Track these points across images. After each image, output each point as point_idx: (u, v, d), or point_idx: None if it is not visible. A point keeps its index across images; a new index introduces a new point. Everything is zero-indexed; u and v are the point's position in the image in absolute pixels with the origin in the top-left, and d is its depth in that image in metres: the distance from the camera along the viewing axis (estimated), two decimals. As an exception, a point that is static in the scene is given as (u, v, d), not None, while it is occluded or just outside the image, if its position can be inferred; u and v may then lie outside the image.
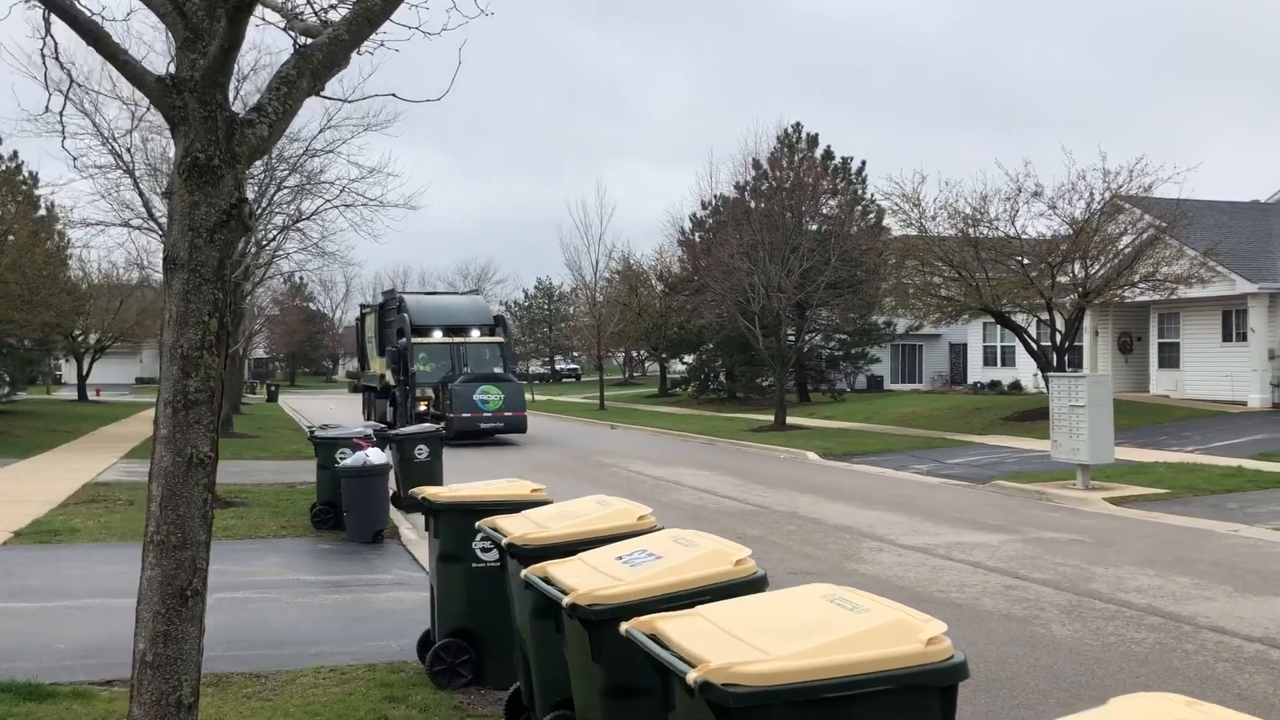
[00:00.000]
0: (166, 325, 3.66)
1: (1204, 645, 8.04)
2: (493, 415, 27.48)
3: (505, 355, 30.64)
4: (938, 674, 3.13)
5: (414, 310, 30.57)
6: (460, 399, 27.21)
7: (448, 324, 30.49)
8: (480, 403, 27.30)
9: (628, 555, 4.65)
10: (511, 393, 28.05)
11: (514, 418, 27.83)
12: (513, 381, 28.88)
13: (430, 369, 29.24)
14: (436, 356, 29.63)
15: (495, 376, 28.53)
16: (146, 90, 3.68)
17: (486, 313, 32.70)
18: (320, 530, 13.16)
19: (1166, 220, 26.53)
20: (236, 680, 6.98)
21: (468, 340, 30.28)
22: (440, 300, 33.99)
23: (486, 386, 27.65)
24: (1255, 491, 16.08)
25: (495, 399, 27.46)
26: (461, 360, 29.62)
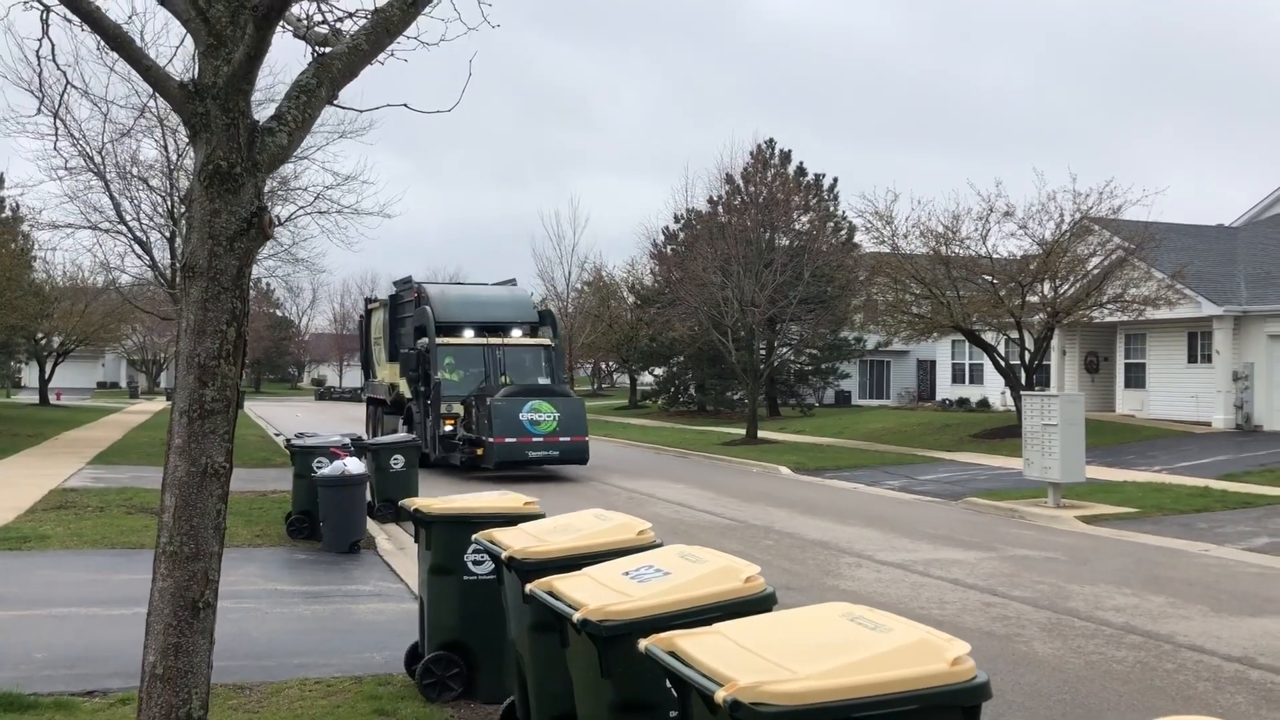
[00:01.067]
0: (183, 334, 3.62)
1: (1184, 664, 8.13)
2: (545, 440, 21.15)
3: (554, 361, 24.11)
4: (963, 694, 3.15)
5: (438, 303, 23.89)
6: (503, 419, 20.81)
7: (481, 321, 24.01)
8: (529, 424, 21.00)
9: (635, 571, 4.65)
10: (569, 412, 21.67)
11: (572, 445, 21.46)
12: (570, 397, 22.59)
13: (459, 378, 23.00)
14: (467, 362, 23.32)
15: (547, 390, 22.31)
16: (169, 96, 3.64)
17: (529, 307, 25.63)
18: (296, 540, 13.03)
19: (1135, 242, 26.90)
20: (220, 692, 6.88)
21: (506, 342, 23.87)
22: (470, 291, 27.10)
23: (537, 403, 21.26)
24: (1223, 511, 16.30)
25: (548, 419, 21.19)
26: (498, 367, 23.28)
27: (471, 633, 6.84)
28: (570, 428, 21.39)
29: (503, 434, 20.68)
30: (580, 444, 21.53)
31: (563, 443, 21.29)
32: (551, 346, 24.22)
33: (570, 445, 21.41)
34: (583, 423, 21.77)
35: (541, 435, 21.05)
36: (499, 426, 20.69)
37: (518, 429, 20.83)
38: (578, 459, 21.63)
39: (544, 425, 21.06)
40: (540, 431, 21.03)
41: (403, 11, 4.12)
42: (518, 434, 20.81)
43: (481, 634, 6.78)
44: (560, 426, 21.21)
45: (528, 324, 24.78)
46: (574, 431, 21.45)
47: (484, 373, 23.07)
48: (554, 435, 21.16)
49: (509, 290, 27.09)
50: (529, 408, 21.10)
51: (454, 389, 22.69)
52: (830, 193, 43.14)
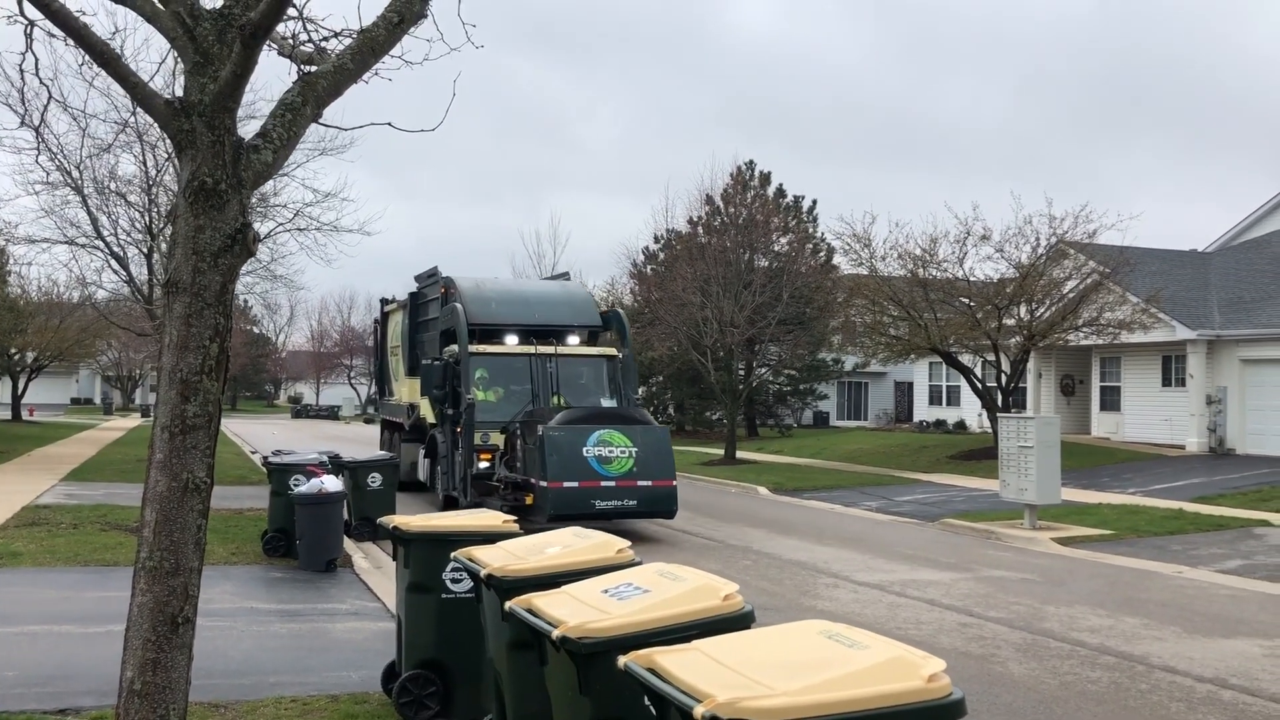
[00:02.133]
0: (166, 349, 3.63)
1: (1157, 685, 8.19)
2: (618, 485, 15.30)
3: (623, 378, 18.43)
4: (938, 711, 3.19)
5: (472, 300, 18.59)
6: (561, 455, 15.24)
7: (528, 324, 18.61)
8: (597, 462, 15.33)
9: (614, 588, 4.66)
10: (650, 446, 15.78)
11: (655, 491, 15.56)
12: (650, 425, 16.57)
13: (498, 397, 17.79)
14: (508, 377, 18.09)
15: (619, 415, 16.51)
16: (154, 113, 3.66)
17: (590, 306, 20.06)
18: (272, 558, 12.96)
19: (1110, 266, 27.18)
20: (196, 710, 6.83)
21: (561, 351, 18.33)
22: (514, 286, 21.49)
23: (607, 433, 15.60)
24: (1196, 534, 16.44)
25: (622, 456, 15.47)
26: (550, 384, 17.86)
27: (449, 651, 6.83)
28: (652, 468, 15.48)
29: (560, 475, 14.96)
30: (666, 491, 15.51)
31: (642, 489, 15.33)
32: (619, 358, 18.51)
33: (652, 492, 15.40)
34: (669, 461, 15.76)
35: (614, 478, 15.19)
36: (555, 465, 14.97)
37: (581, 469, 15.06)
38: (662, 511, 15.73)
39: (617, 464, 15.25)
40: (612, 473, 15.19)
41: (388, 32, 4.16)
42: (581, 475, 15.03)
43: (459, 653, 6.77)
44: (639, 466, 15.36)
45: (588, 328, 19.31)
46: (657, 473, 15.49)
47: (531, 391, 17.65)
48: (630, 478, 15.26)
49: (563, 285, 21.44)
50: (596, 439, 15.33)
51: (492, 412, 17.26)
52: (809, 215, 43.39)
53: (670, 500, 15.68)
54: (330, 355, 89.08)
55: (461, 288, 19.02)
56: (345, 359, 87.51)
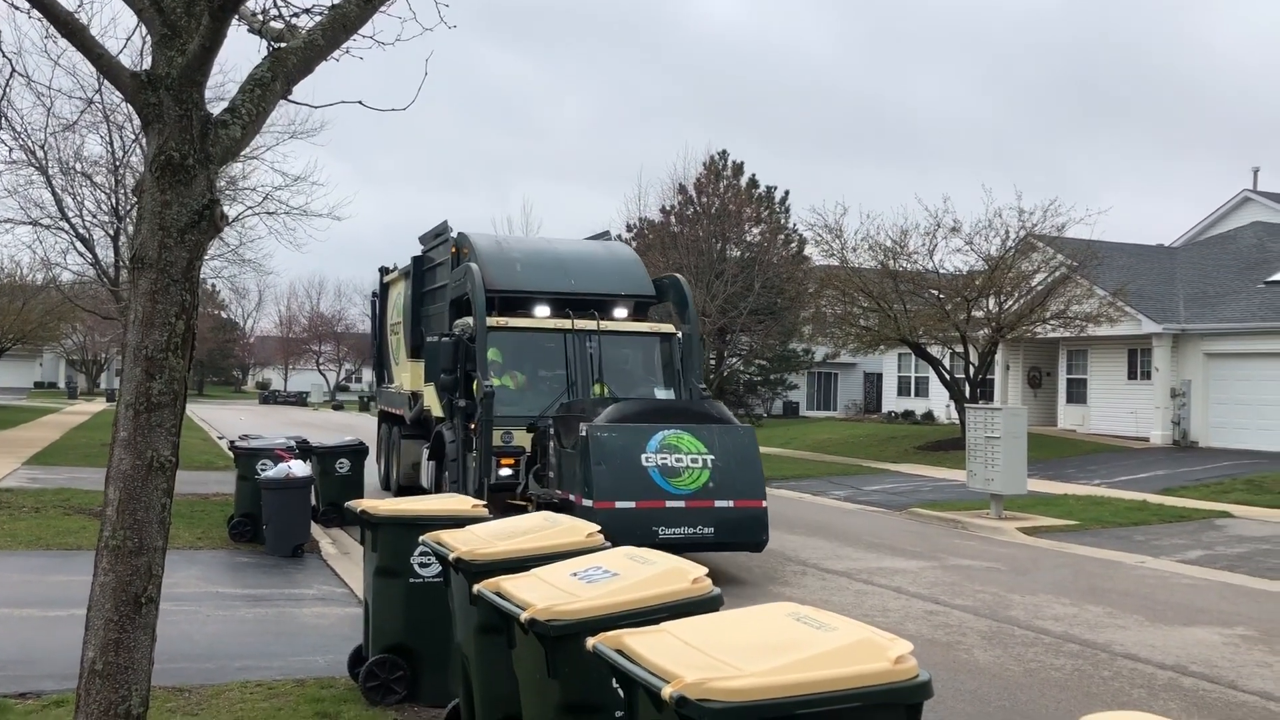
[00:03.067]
0: (131, 325, 3.58)
1: (1119, 672, 8.29)
2: (689, 506, 11.21)
3: (684, 362, 14.46)
4: (905, 692, 3.20)
5: (492, 261, 14.56)
6: (612, 463, 11.21)
7: (562, 292, 14.50)
8: (660, 474, 11.24)
9: (583, 571, 4.66)
10: (731, 451, 11.67)
11: (738, 514, 11.42)
12: (731, 424, 12.19)
13: (523, 386, 13.92)
14: (538, 359, 14.19)
15: (689, 410, 12.44)
16: (121, 86, 3.61)
17: (639, 271, 15.68)
18: (238, 542, 12.87)
19: (1078, 260, 27.41)
20: (160, 694, 6.76)
21: (606, 326, 14.26)
22: (544, 246, 16.36)
23: (673, 434, 11.51)
24: (1159, 525, 16.64)
25: (694, 466, 11.38)
26: (590, 369, 13.87)
27: (417, 636, 6.81)
28: (734, 482, 11.35)
29: (611, 493, 10.89)
30: (752, 515, 11.35)
31: (720, 511, 11.19)
32: (677, 337, 14.55)
33: (734, 516, 11.26)
34: (756, 473, 11.59)
35: (683, 496, 11.08)
36: (605, 479, 10.97)
37: (639, 484, 11.04)
38: (748, 541, 11.51)
39: (687, 478, 11.15)
40: (681, 489, 11.10)
41: (360, 8, 4.11)
42: (639, 493, 10.99)
43: (427, 637, 6.75)
44: (716, 480, 11.24)
45: (639, 299, 15.03)
46: (741, 490, 11.36)
47: (566, 377, 13.69)
48: (704, 496, 11.15)
49: (605, 245, 17.07)
50: (659, 443, 11.26)
51: (516, 404, 13.29)
52: (782, 205, 43.45)
53: (758, 527, 11.27)
54: (299, 341, 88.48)
55: (478, 246, 14.77)
56: (314, 345, 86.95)
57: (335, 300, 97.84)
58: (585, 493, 11.00)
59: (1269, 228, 33.93)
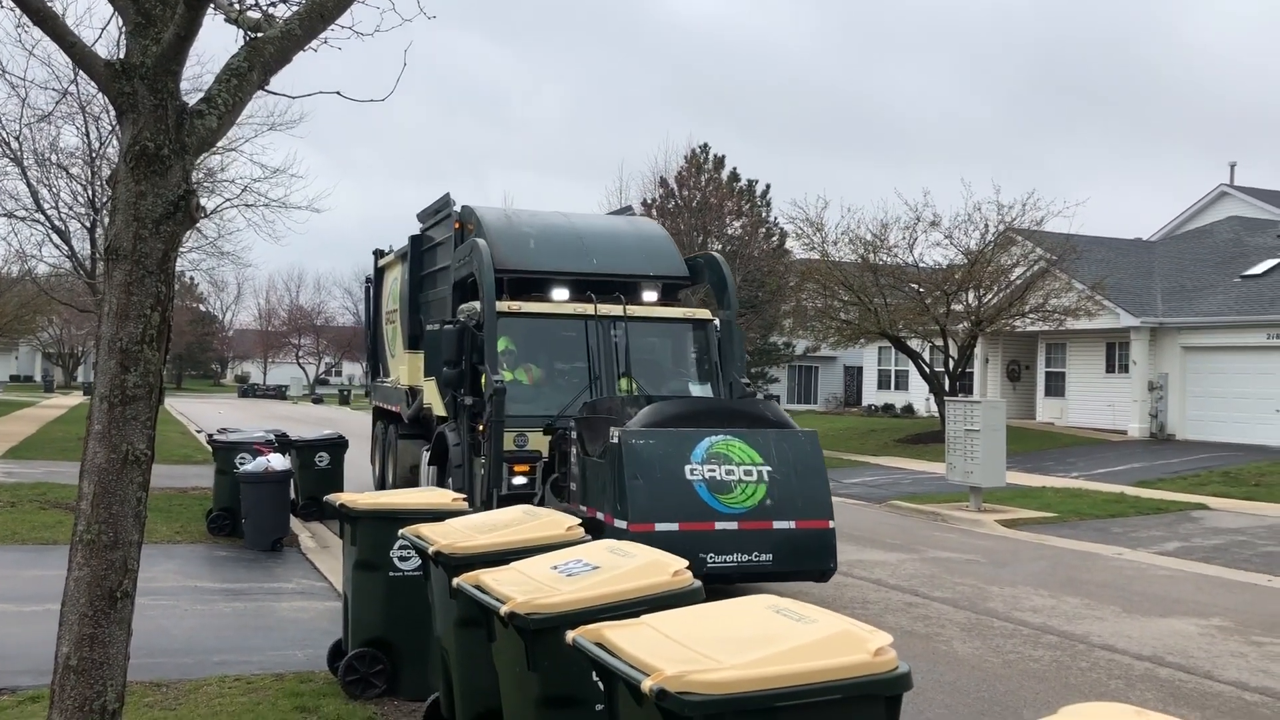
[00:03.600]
0: (106, 318, 3.54)
1: (1097, 663, 8.34)
2: (743, 526, 9.18)
3: (723, 354, 12.62)
4: (885, 684, 3.21)
5: (501, 238, 12.60)
6: (650, 475, 9.19)
7: (583, 273, 12.64)
8: (707, 488, 9.24)
9: (563, 565, 4.65)
10: (791, 460, 9.63)
11: (801, 536, 9.42)
12: (790, 428, 10.15)
13: (538, 380, 12.16)
14: (555, 350, 12.36)
15: (740, 410, 10.50)
16: (95, 75, 3.57)
17: (670, 249, 13.71)
18: (217, 536, 12.80)
19: (1056, 254, 27.54)
20: (136, 689, 6.72)
21: (634, 312, 12.38)
22: (560, 222, 13.94)
23: (722, 440, 9.51)
24: (1136, 517, 16.76)
25: (748, 479, 9.38)
26: (615, 361, 12.07)
27: (396, 629, 6.78)
28: (795, 498, 9.47)
29: (650, 512, 9.01)
30: (818, 537, 9.50)
31: (780, 534, 9.32)
32: (714, 323, 12.65)
33: (797, 540, 9.39)
34: (821, 486, 9.70)
35: (735, 515, 9.22)
36: (642, 495, 9.09)
37: (683, 501, 9.14)
38: (812, 569, 9.67)
39: (740, 493, 9.30)
40: (733, 507, 9.24)
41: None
42: (684, 512, 9.10)
43: (406, 631, 6.73)
44: (775, 496, 9.37)
45: (670, 280, 13.08)
46: (804, 508, 9.48)
47: (587, 371, 11.94)
48: (761, 516, 9.28)
49: (630, 221, 15.48)
50: (706, 452, 9.39)
51: (531, 402, 11.59)
52: (763, 199, 43.47)
53: (825, 552, 9.46)
54: (278, 334, 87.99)
55: (485, 220, 12.86)
56: (293, 338, 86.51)
57: (315, 293, 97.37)
58: (618, 512, 9.00)
59: (1246, 222, 34.19)
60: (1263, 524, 16.20)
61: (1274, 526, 15.94)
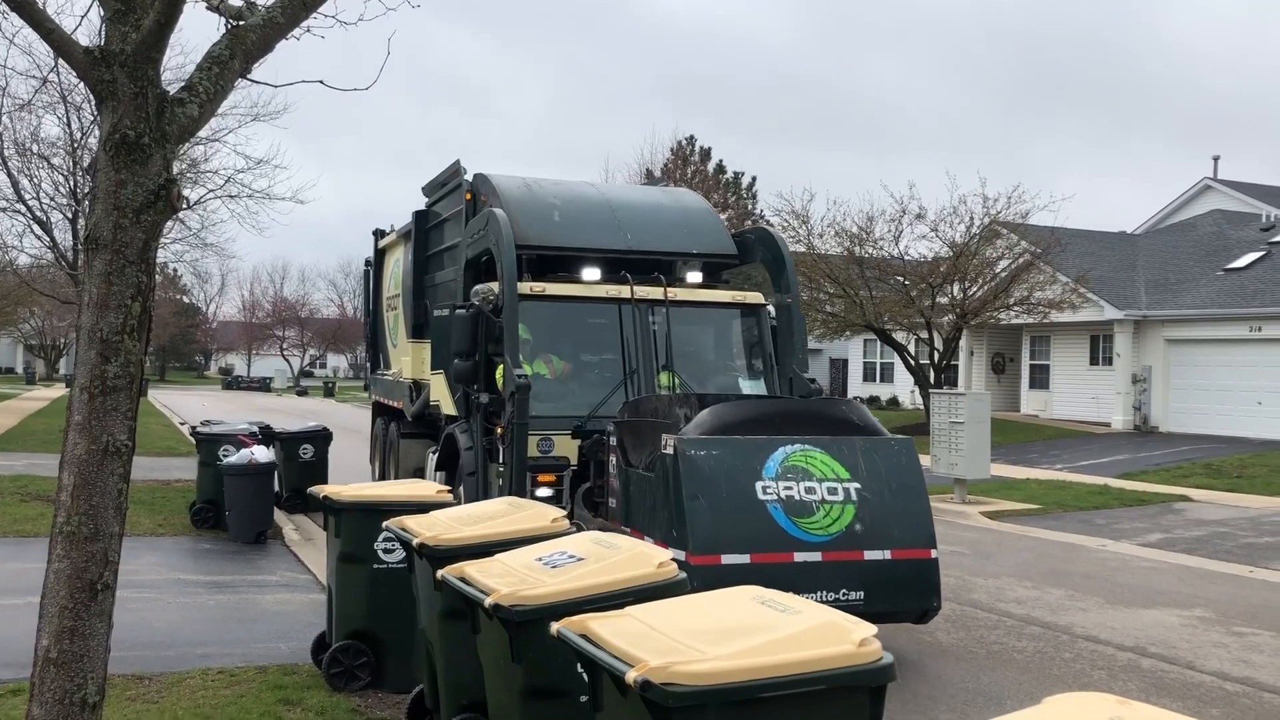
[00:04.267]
0: (85, 308, 3.51)
1: (1080, 654, 8.38)
2: (827, 557, 7.34)
3: (782, 343, 10.86)
4: (869, 674, 3.21)
5: (521, 208, 10.94)
6: (714, 494, 7.31)
7: (616, 250, 10.99)
8: (782, 510, 7.34)
9: (548, 557, 4.64)
10: (882, 474, 7.73)
11: (898, 569, 7.55)
12: (880, 434, 8.18)
13: (560, 374, 10.52)
14: (584, 339, 10.83)
15: (817, 413, 8.52)
16: (73, 62, 3.53)
17: (714, 224, 12.10)
18: (200, 529, 12.75)
19: (1041, 247, 27.65)
20: (119, 682, 6.69)
21: (676, 296, 10.67)
22: (588, 192, 12.26)
23: (799, 451, 7.59)
24: (1120, 509, 16.85)
25: (833, 499, 7.50)
26: (652, 352, 10.32)
27: (380, 622, 6.76)
28: (890, 523, 7.68)
29: (715, 541, 7.24)
30: (919, 568, 7.74)
31: (873, 565, 7.55)
32: (766, 308, 11.04)
33: (895, 572, 7.64)
34: (921, 508, 7.85)
35: (817, 544, 7.44)
36: (704, 518, 7.31)
37: (755, 526, 7.37)
38: (909, 609, 7.83)
39: (824, 517, 7.52)
40: (815, 534, 7.46)
41: (320, -15, 4.04)
42: (756, 541, 7.33)
43: (391, 623, 6.72)
44: (866, 519, 7.60)
45: (716, 259, 11.53)
46: (901, 535, 7.69)
47: (620, 363, 10.36)
48: (849, 545, 7.53)
49: (668, 192, 13.64)
50: (781, 465, 7.63)
51: (557, 400, 10.12)
52: (749, 191, 43.55)
53: (927, 588, 7.72)
54: (262, 326, 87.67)
55: (503, 189, 11.30)
56: (278, 330, 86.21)
57: (299, 285, 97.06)
58: (673, 539, 7.24)
59: (1229, 215, 34.36)
60: (1244, 515, 16.30)
61: (1255, 518, 16.05)
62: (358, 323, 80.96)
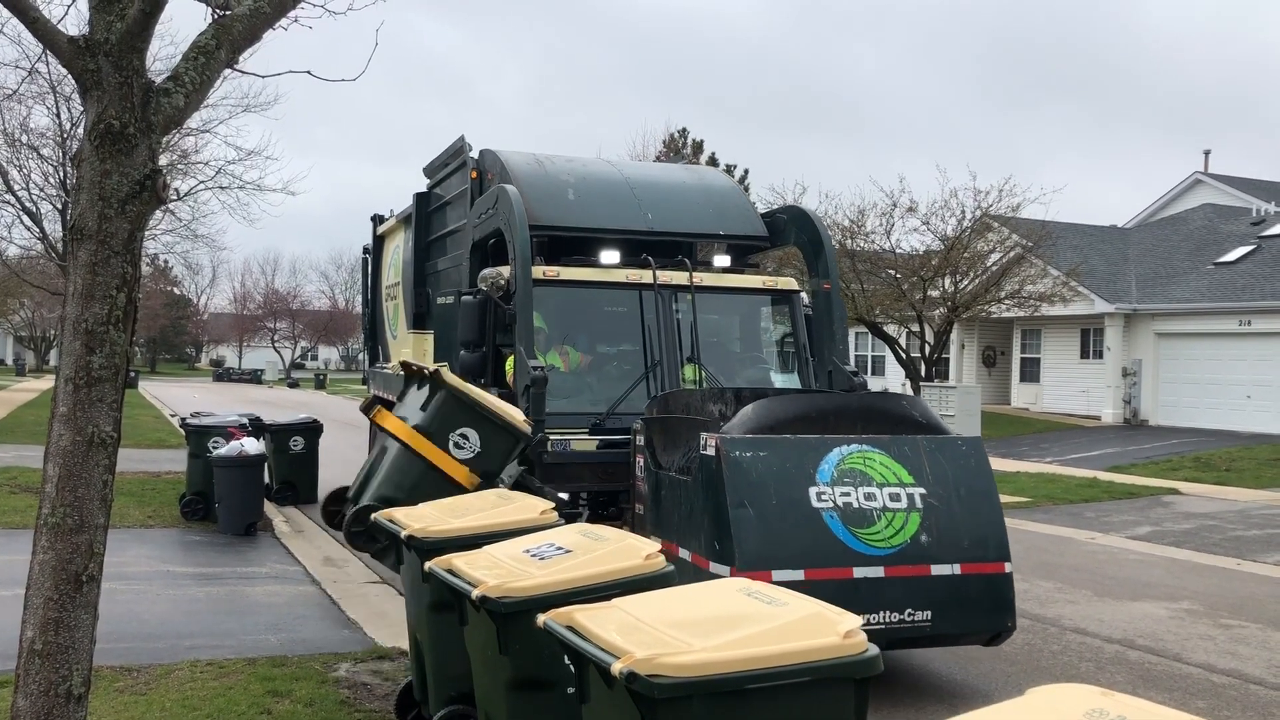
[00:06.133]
0: (70, 298, 3.49)
1: (1068, 646, 8.41)
2: (889, 572, 6.56)
3: (818, 333, 10.01)
4: (854, 666, 3.22)
5: (533, 187, 10.05)
6: (763, 503, 6.49)
7: (637, 231, 10.18)
8: (839, 520, 6.55)
9: (535, 549, 4.64)
10: (949, 478, 6.92)
11: (968, 585, 6.77)
12: (944, 434, 7.44)
13: (577, 367, 9.73)
14: (600, 327, 10.00)
15: (875, 409, 7.63)
16: (58, 51, 3.51)
17: (742, 204, 11.33)
18: (190, 521, 12.71)
19: (1032, 240, 27.71)
20: (106, 674, 6.68)
21: (702, 281, 9.78)
22: (606, 170, 11.36)
23: (856, 452, 6.79)
24: (1109, 502, 16.90)
25: (896, 506, 6.70)
26: (676, 342, 9.43)
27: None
28: (959, 533, 6.83)
29: (765, 556, 6.38)
30: (990, 584, 6.90)
31: (940, 581, 6.71)
32: (800, 295, 10.29)
33: (964, 589, 6.80)
34: (993, 516, 7.03)
35: (879, 558, 6.59)
36: (752, 529, 6.46)
37: (809, 538, 6.51)
38: (983, 630, 7.07)
39: (885, 527, 6.65)
40: (876, 546, 6.59)
41: (307, -25, 4.02)
42: (810, 555, 6.47)
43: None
44: (932, 529, 6.75)
45: (744, 241, 10.79)
46: (971, 548, 6.86)
47: (641, 355, 9.56)
48: (914, 559, 6.66)
49: (691, 171, 13.28)
50: (836, 469, 6.74)
51: (575, 395, 9.41)
52: (741, 184, 43.51)
53: (1001, 606, 6.98)
54: (253, 318, 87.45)
55: (512, 165, 10.49)
56: (269, 322, 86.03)
57: (290, 277, 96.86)
58: (716, 552, 6.53)
59: (1220, 209, 34.45)
60: (1233, 509, 16.37)
61: (1244, 511, 16.12)
62: (349, 314, 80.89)
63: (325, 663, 7.05)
